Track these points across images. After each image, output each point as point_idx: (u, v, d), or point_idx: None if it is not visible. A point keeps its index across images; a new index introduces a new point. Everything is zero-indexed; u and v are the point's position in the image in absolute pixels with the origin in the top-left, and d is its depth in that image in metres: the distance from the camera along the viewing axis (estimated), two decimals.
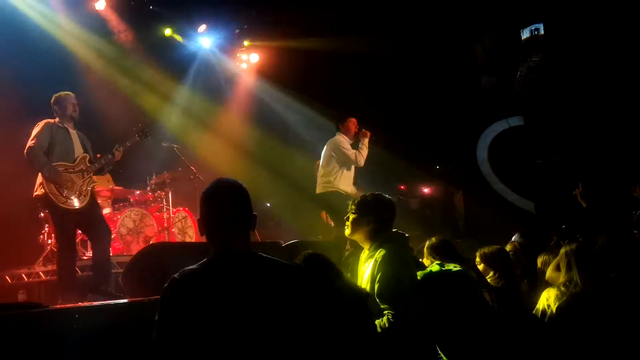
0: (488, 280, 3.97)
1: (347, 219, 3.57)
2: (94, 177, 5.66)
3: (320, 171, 6.94)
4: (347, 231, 3.56)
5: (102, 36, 8.87)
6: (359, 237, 3.53)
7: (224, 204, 2.17)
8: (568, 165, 8.48)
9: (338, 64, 9.82)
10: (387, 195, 3.64)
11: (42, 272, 6.96)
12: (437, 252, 3.89)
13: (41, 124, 5.45)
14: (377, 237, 3.43)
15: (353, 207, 3.56)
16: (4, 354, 2.67)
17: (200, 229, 2.22)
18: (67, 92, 5.68)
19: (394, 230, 3.54)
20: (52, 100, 5.61)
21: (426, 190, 11.46)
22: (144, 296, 3.86)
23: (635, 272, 3.73)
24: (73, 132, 5.60)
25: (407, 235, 3.61)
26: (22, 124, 5.84)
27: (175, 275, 2.06)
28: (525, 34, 9.42)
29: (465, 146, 10.45)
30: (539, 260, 4.43)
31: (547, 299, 3.59)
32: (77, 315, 3.21)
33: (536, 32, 9.37)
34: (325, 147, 6.98)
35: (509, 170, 9.97)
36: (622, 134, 8.31)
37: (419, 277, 3.45)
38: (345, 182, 6.85)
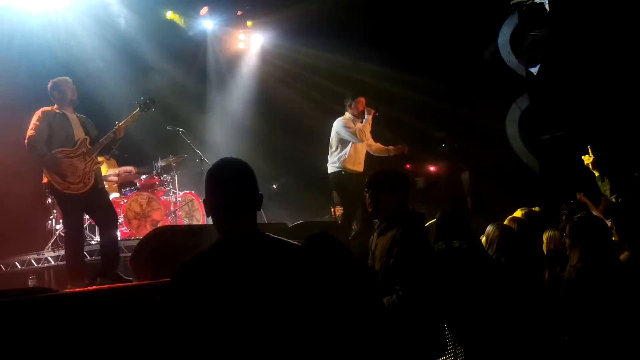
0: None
1: (370, 195, 3.51)
2: (99, 158, 5.65)
3: (330, 151, 6.97)
4: (370, 208, 3.52)
5: (103, 20, 8.81)
6: (381, 214, 3.49)
7: (229, 183, 2.15)
8: (576, 140, 8.41)
9: (345, 44, 9.72)
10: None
11: (52, 257, 7.02)
12: (444, 229, 3.88)
13: (38, 112, 5.43)
14: (399, 214, 3.40)
15: (374, 183, 3.53)
16: (14, 339, 2.69)
17: (207, 209, 2.20)
18: (64, 77, 5.66)
19: (410, 208, 3.53)
20: (49, 86, 5.58)
21: (432, 168, 11.43)
22: (153, 279, 3.87)
23: None
24: (72, 116, 5.58)
25: (423, 214, 3.61)
26: (26, 111, 5.83)
27: (185, 260, 2.06)
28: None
29: (474, 124, 10.37)
30: (545, 237, 4.41)
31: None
32: (86, 300, 3.23)
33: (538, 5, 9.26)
34: (333, 126, 6.97)
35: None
36: (630, 108, 8.22)
37: None
38: (354, 162, 6.85)
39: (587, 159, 5.63)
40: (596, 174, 5.57)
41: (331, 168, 6.92)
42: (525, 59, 9.53)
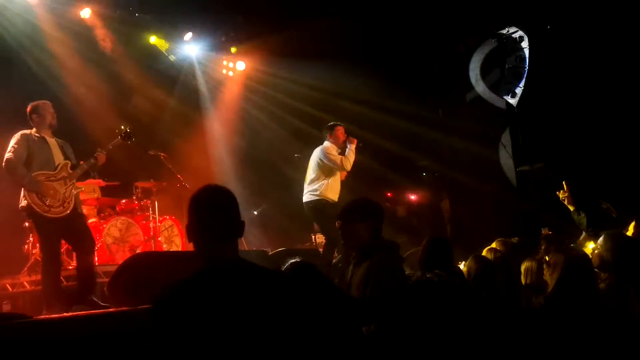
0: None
1: (341, 226, 3.51)
2: (78, 184, 5.60)
3: (307, 179, 6.95)
4: (341, 239, 3.53)
5: (87, 43, 8.82)
6: (354, 243, 3.49)
7: (212, 211, 2.17)
8: (555, 171, 8.54)
9: (327, 69, 9.82)
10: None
11: (27, 282, 6.90)
12: (429, 257, 3.90)
13: (17, 135, 5.39)
14: (373, 244, 3.40)
15: (346, 213, 3.53)
16: None
17: (189, 235, 2.21)
18: (44, 101, 5.63)
19: (384, 238, 3.54)
20: (29, 110, 5.54)
21: (413, 197, 11.50)
22: (131, 306, 3.83)
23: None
24: (52, 141, 5.54)
25: (397, 243, 3.62)
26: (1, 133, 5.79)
27: (168, 286, 2.05)
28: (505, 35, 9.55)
29: (453, 154, 10.48)
30: (522, 267, 4.44)
31: None
32: (62, 326, 3.18)
33: (515, 35, 9.50)
34: (312, 155, 6.99)
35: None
36: (610, 137, 8.37)
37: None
38: (333, 191, 6.87)
39: (562, 194, 5.78)
40: (571, 208, 5.70)
41: (310, 197, 6.89)
42: (502, 91, 9.72)
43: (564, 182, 5.81)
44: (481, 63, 10.13)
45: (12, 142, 5.34)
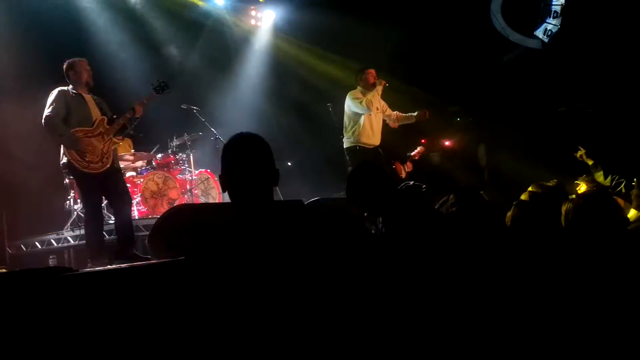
0: None
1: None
2: (115, 139, 5.66)
3: (344, 126, 6.94)
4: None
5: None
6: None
7: (246, 159, 2.12)
8: (595, 113, 8.32)
9: (359, 17, 9.60)
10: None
11: (71, 237, 7.10)
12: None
13: (55, 92, 5.42)
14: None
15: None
16: (36, 318, 2.73)
17: (222, 185, 2.17)
18: (80, 58, 5.63)
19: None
20: (65, 67, 5.56)
21: (447, 143, 11.34)
22: (171, 257, 3.90)
23: None
24: (88, 97, 5.57)
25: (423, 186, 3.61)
26: (38, 91, 5.85)
27: (196, 238, 2.05)
28: None
29: (487, 97, 10.24)
30: (563, 209, 4.39)
31: None
32: (106, 279, 3.26)
33: None
34: (345, 102, 6.94)
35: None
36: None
37: None
38: (367, 135, 6.80)
39: (580, 153, 6.24)
40: (590, 162, 6.06)
41: (346, 143, 6.89)
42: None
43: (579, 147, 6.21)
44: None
45: (50, 99, 5.37)
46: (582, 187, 5.79)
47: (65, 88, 5.49)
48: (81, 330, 2.82)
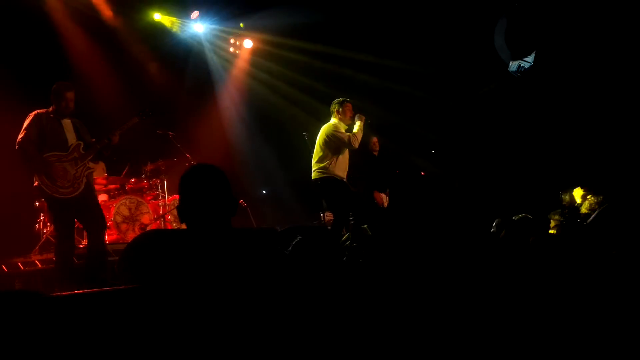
0: None
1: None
2: (91, 164, 5.63)
3: (315, 157, 6.90)
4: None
5: (94, 22, 8.82)
6: None
7: (202, 189, 2.13)
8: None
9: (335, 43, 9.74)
10: None
11: (38, 260, 6.97)
12: None
13: (31, 115, 5.41)
14: None
15: None
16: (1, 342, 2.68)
17: (181, 216, 2.17)
18: (65, 84, 5.60)
19: None
20: (52, 88, 5.55)
21: (422, 173, 11.42)
22: (139, 283, 3.86)
23: None
24: (66, 121, 5.55)
25: None
26: (19, 113, 5.81)
27: (159, 263, 2.05)
28: None
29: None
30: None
31: None
32: (74, 303, 3.21)
33: None
34: (320, 132, 6.93)
35: None
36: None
37: None
38: (341, 168, 6.83)
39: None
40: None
41: (318, 174, 6.85)
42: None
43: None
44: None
45: (26, 122, 5.37)
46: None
47: (43, 111, 5.47)
48: (47, 356, 2.77)
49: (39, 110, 5.47)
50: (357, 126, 6.78)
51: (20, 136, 5.30)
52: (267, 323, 2.01)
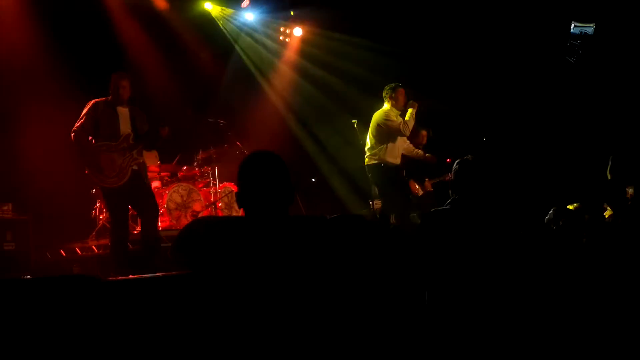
0: None
1: None
2: (143, 154, 5.73)
3: (367, 143, 6.87)
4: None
5: (148, 13, 8.96)
6: None
7: (261, 176, 2.11)
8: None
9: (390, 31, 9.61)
10: None
11: (95, 246, 7.17)
12: None
13: (89, 104, 5.56)
14: None
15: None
16: (59, 325, 2.75)
17: (239, 202, 2.17)
18: (120, 73, 5.74)
19: None
20: (110, 77, 5.69)
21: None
22: (191, 269, 3.90)
23: None
24: (123, 110, 5.67)
25: None
26: (75, 101, 5.97)
27: (214, 250, 2.05)
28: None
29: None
30: None
31: None
32: (128, 288, 3.28)
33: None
34: (372, 118, 6.88)
35: None
36: None
37: None
38: (393, 155, 6.77)
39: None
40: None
41: (370, 160, 6.82)
42: None
43: None
44: None
45: (83, 111, 5.53)
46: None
47: (101, 100, 5.60)
48: (104, 338, 2.84)
49: (97, 99, 5.60)
50: (409, 113, 6.70)
51: (75, 125, 5.46)
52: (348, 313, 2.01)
